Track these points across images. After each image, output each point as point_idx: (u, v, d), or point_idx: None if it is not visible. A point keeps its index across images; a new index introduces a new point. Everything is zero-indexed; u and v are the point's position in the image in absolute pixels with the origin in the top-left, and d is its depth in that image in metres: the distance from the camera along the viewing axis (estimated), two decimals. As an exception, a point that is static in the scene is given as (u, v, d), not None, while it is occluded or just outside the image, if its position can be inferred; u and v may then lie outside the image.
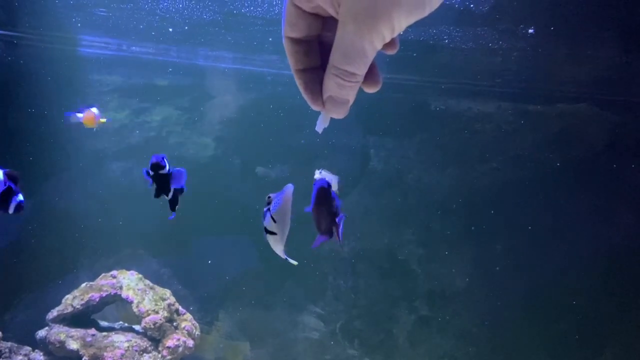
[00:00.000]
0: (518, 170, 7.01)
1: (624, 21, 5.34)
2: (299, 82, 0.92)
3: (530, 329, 7.05)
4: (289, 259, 2.59)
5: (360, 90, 0.89)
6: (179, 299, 6.04)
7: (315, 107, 0.92)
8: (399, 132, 7.06)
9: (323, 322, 6.98)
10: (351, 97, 0.89)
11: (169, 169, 2.69)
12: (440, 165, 7.00)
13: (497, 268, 6.99)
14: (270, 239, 2.47)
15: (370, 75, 0.89)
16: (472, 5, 5.14)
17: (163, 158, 2.65)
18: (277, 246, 2.49)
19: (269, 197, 2.44)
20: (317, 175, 2.44)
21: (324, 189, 2.66)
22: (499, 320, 7.08)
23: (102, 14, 5.78)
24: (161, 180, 2.68)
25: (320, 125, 1.01)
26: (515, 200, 6.95)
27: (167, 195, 2.74)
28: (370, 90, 0.92)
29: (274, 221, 2.38)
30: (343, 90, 0.87)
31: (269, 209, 2.41)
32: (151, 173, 2.68)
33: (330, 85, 0.87)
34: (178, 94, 6.88)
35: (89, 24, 6.08)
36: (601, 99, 7.11)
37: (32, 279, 6.60)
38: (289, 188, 2.37)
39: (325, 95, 0.90)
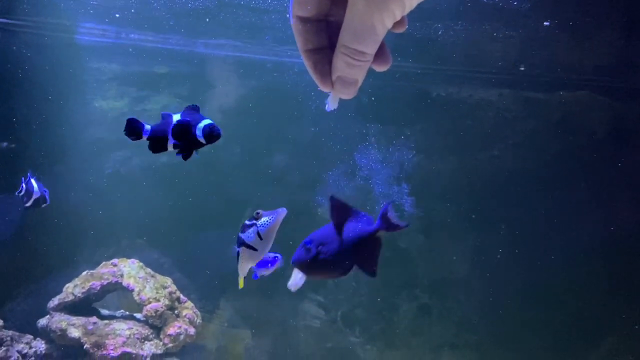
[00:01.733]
0: (519, 158, 7.00)
1: (627, 7, 5.31)
2: (307, 63, 0.91)
3: (530, 317, 7.07)
4: (241, 278, 2.56)
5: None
6: (179, 288, 6.03)
7: (324, 88, 0.92)
8: (399, 120, 7.03)
9: (324, 310, 6.99)
10: (360, 76, 0.88)
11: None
12: (441, 153, 6.98)
13: (498, 256, 6.99)
14: (246, 253, 2.43)
15: (380, 53, 0.88)
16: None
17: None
18: (248, 262, 2.47)
19: (258, 212, 2.41)
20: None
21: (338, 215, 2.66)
22: (499, 309, 7.10)
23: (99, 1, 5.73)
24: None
25: (330, 106, 1.02)
26: (516, 188, 6.94)
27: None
28: (381, 68, 0.92)
29: (260, 238, 2.36)
30: (352, 69, 0.86)
31: (255, 224, 2.38)
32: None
33: (340, 64, 0.86)
34: (177, 82, 6.84)
35: (87, 10, 6.03)
36: (603, 86, 7.08)
37: (32, 270, 6.58)
38: (283, 211, 2.36)
39: (334, 76, 0.89)
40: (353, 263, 2.61)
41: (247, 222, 2.37)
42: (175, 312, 5.78)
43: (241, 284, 2.59)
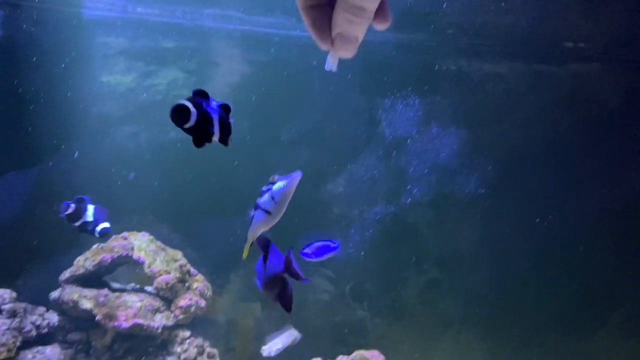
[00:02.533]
0: (529, 132, 6.94)
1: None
2: (306, 20, 0.90)
3: (539, 292, 7.08)
4: (248, 246, 2.55)
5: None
6: (189, 262, 6.06)
7: (323, 46, 0.91)
8: (408, 93, 6.97)
9: (333, 284, 7.02)
10: (360, 33, 0.87)
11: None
12: (451, 127, 6.93)
13: (507, 230, 6.98)
14: (260, 217, 2.41)
15: (380, 11, 0.87)
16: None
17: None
18: (261, 226, 2.45)
19: (274, 177, 2.40)
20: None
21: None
22: (508, 283, 7.11)
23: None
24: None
25: (329, 65, 1.01)
26: (526, 162, 6.90)
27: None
28: (381, 27, 0.91)
29: (273, 200, 2.34)
30: (353, 26, 0.85)
31: (270, 189, 2.37)
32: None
33: (340, 21, 0.85)
34: (185, 56, 6.79)
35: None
36: (616, 59, 6.98)
37: (42, 246, 6.63)
38: (298, 175, 2.32)
39: (334, 33, 0.88)
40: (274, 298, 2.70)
41: (264, 188, 2.36)
42: (186, 284, 5.82)
43: (245, 254, 2.57)
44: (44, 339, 5.46)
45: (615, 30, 6.54)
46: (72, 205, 4.61)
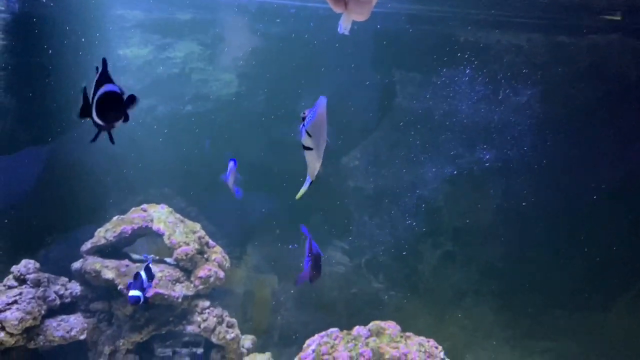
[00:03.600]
0: (548, 105, 6.87)
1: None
2: None
3: (554, 264, 7.09)
4: (307, 184, 2.56)
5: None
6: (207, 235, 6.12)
7: (337, 9, 0.90)
8: (426, 66, 6.91)
9: (348, 257, 7.08)
10: None
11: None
12: (469, 99, 6.88)
13: (523, 204, 6.97)
14: (308, 155, 2.43)
15: None
16: None
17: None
18: (314, 163, 2.45)
19: (304, 113, 2.40)
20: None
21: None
22: (522, 257, 7.13)
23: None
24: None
25: (342, 28, 0.99)
26: (544, 135, 6.85)
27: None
28: None
29: (309, 135, 2.34)
30: None
31: (303, 125, 2.37)
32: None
33: None
34: (200, 29, 6.76)
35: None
36: (636, 29, 6.86)
37: (63, 219, 6.71)
38: (322, 101, 2.32)
39: None
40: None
41: (300, 127, 2.37)
42: (205, 256, 5.90)
43: (300, 194, 2.60)
44: (67, 308, 5.59)
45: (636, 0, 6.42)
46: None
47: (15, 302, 5.07)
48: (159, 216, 5.87)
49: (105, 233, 5.77)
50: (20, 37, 6.51)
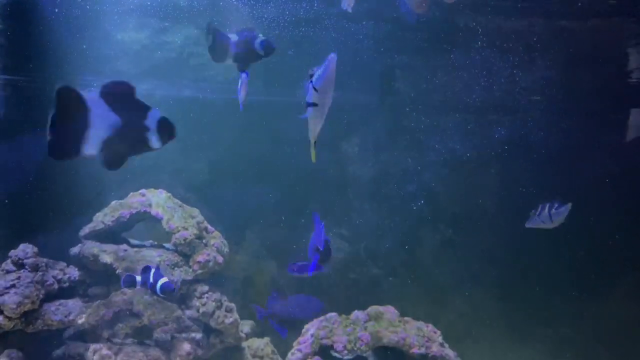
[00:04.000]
0: (548, 90, 6.84)
1: None
2: None
3: (555, 253, 7.07)
4: (312, 147, 2.53)
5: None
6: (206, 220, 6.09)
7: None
8: (426, 51, 6.85)
9: (348, 242, 7.07)
10: None
11: None
12: (468, 85, 6.84)
13: (522, 189, 6.94)
14: (312, 113, 2.39)
15: None
16: None
17: None
18: (316, 122, 2.41)
19: (312, 70, 2.35)
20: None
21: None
22: (522, 244, 7.11)
23: None
24: None
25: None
26: (544, 121, 6.83)
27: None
28: None
29: (316, 91, 2.30)
30: None
31: (311, 82, 2.33)
32: None
33: None
34: (199, 13, 6.68)
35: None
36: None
37: (61, 204, 6.67)
38: (332, 58, 2.27)
39: None
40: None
41: (306, 84, 2.34)
42: (204, 241, 5.87)
43: (314, 156, 2.57)
44: (65, 292, 5.57)
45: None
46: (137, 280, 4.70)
47: (13, 285, 5.05)
48: (158, 201, 5.84)
49: (103, 217, 5.74)
50: (17, 21, 6.45)
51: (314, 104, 2.25)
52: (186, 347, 5.45)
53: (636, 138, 6.98)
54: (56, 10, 6.09)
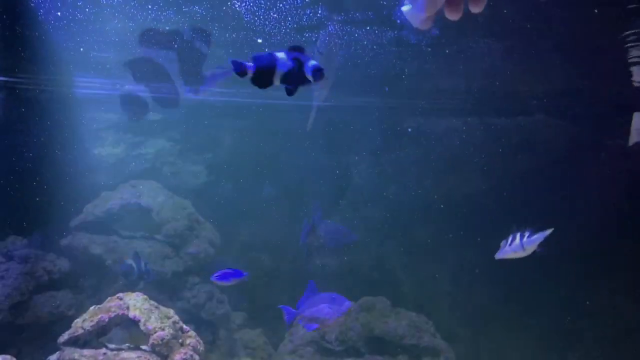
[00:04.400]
0: (487, 178, 7.58)
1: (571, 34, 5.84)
2: None
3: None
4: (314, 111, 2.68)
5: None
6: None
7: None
8: (377, 150, 7.62)
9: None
10: None
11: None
12: (416, 178, 7.52)
13: (477, 270, 7.45)
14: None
15: None
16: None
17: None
18: (323, 84, 2.42)
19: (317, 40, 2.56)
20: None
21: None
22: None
23: (98, 56, 6.27)
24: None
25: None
26: (485, 206, 7.45)
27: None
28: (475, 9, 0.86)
29: (321, 54, 2.43)
30: None
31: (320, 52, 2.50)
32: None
33: None
34: (171, 126, 7.32)
35: (85, 66, 6.54)
36: (556, 110, 7.74)
37: (51, 198, 6.65)
38: (330, 30, 2.50)
39: None
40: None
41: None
42: (180, 340, 6.09)
43: (310, 124, 2.67)
44: (56, 284, 5.55)
45: (553, 86, 7.31)
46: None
47: (1, 277, 5.00)
48: (135, 303, 6.10)
49: (82, 323, 5.92)
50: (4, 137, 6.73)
51: (318, 76, 2.26)
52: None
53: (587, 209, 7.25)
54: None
